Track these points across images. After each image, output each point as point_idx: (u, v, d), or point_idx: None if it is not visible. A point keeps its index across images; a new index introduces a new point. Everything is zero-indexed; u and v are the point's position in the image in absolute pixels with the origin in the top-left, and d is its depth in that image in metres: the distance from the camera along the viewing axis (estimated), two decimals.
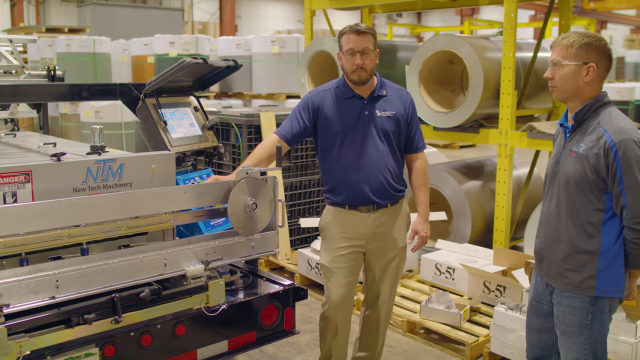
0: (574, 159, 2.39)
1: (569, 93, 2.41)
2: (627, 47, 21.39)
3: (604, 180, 2.32)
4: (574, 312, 2.43)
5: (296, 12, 28.22)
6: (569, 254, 2.42)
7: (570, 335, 2.46)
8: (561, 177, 2.44)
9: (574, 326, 2.44)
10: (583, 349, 2.44)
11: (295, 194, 5.61)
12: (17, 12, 21.03)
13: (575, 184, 2.37)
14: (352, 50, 2.99)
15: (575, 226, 2.39)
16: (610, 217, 2.35)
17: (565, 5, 5.52)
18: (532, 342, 2.72)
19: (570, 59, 2.36)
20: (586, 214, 2.37)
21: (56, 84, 4.25)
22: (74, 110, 10.23)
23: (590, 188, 2.34)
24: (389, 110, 3.09)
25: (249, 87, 10.53)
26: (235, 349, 2.80)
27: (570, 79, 2.38)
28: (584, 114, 2.41)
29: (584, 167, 2.34)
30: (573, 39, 2.36)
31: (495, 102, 4.96)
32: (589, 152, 2.33)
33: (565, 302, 2.46)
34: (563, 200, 2.43)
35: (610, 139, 2.28)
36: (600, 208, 2.35)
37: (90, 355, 2.33)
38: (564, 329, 2.48)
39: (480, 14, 27.59)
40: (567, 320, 2.46)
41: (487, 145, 11.32)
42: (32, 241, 2.25)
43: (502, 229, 4.90)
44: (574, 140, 2.43)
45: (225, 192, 2.67)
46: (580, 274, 2.39)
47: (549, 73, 2.44)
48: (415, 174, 3.21)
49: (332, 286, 3.13)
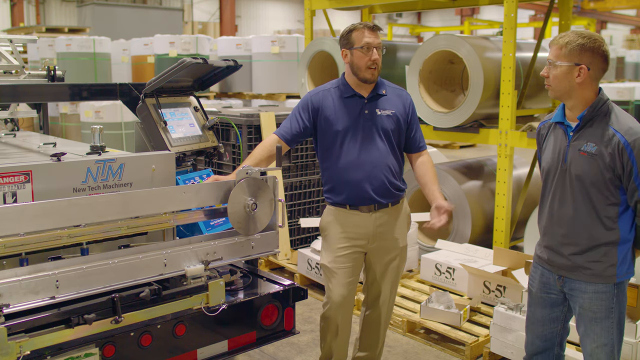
0: (586, 159, 2.47)
1: (562, 92, 2.49)
2: (627, 47, 21.38)
3: (619, 177, 2.43)
4: (601, 297, 2.52)
5: (296, 12, 28.22)
6: (590, 247, 2.51)
7: (598, 321, 2.54)
8: (572, 175, 2.51)
9: (602, 311, 2.52)
10: (610, 333, 2.54)
11: (295, 194, 5.61)
12: (17, 12, 21.03)
13: (590, 182, 2.47)
14: (369, 45, 2.97)
15: (594, 221, 2.49)
16: (624, 209, 2.48)
17: (565, 5, 5.52)
18: (536, 334, 2.76)
19: (563, 60, 2.43)
20: (603, 209, 2.48)
21: (56, 84, 4.25)
22: (74, 110, 10.22)
23: (606, 185, 2.45)
24: (388, 109, 3.08)
25: (249, 87, 10.53)
26: (235, 349, 2.80)
27: (563, 79, 2.45)
28: (590, 115, 2.47)
29: (598, 166, 2.44)
30: (568, 39, 2.42)
31: (495, 102, 4.96)
32: (603, 152, 2.42)
33: (590, 289, 2.53)
34: (579, 198, 2.51)
35: (623, 139, 2.39)
36: (616, 202, 2.47)
37: (90, 355, 2.33)
38: (591, 316, 2.55)
39: (480, 14, 27.59)
40: (594, 306, 2.53)
41: (487, 145, 11.32)
42: (32, 241, 2.25)
43: (502, 229, 4.90)
44: (581, 139, 2.49)
45: (225, 192, 2.67)
46: (602, 264, 2.50)
47: (545, 71, 2.51)
48: (423, 168, 3.15)
49: (333, 286, 3.13)
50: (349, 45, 3.02)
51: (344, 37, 3.05)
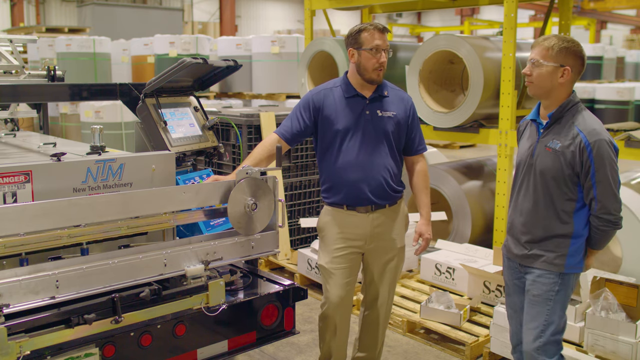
0: (550, 155, 2.63)
1: (543, 91, 2.64)
2: (627, 47, 21.36)
3: (577, 174, 2.59)
4: (543, 282, 2.68)
5: (296, 12, 28.22)
6: (545, 237, 2.67)
7: (534, 304, 2.71)
8: (537, 169, 2.67)
9: (541, 296, 2.69)
10: (543, 319, 2.69)
11: (295, 194, 5.61)
12: (17, 12, 21.02)
13: (551, 177, 2.63)
14: (378, 47, 2.96)
15: (551, 214, 2.65)
16: (581, 206, 2.64)
17: (565, 5, 5.52)
18: (518, 323, 2.88)
19: (549, 60, 2.58)
20: (561, 203, 2.64)
21: (56, 84, 4.25)
22: (74, 110, 10.22)
23: (565, 181, 2.61)
24: (390, 111, 3.08)
25: (249, 87, 10.53)
26: (235, 349, 2.80)
27: (547, 78, 2.60)
28: (559, 114, 2.63)
29: (560, 162, 2.59)
30: (554, 42, 2.58)
31: (495, 102, 4.96)
32: (566, 150, 2.58)
33: (536, 273, 2.71)
34: (540, 190, 2.67)
35: (585, 139, 2.55)
36: (573, 198, 2.63)
37: (90, 355, 2.33)
38: (531, 299, 2.73)
39: (480, 14, 27.59)
40: (535, 290, 2.71)
41: (487, 145, 11.32)
42: (32, 241, 2.25)
43: (502, 229, 4.89)
44: (549, 136, 2.65)
45: (225, 192, 2.67)
46: (553, 253, 2.66)
47: (528, 70, 2.64)
48: (416, 177, 3.21)
49: (330, 287, 3.13)
50: (357, 45, 2.99)
51: (352, 36, 3.02)
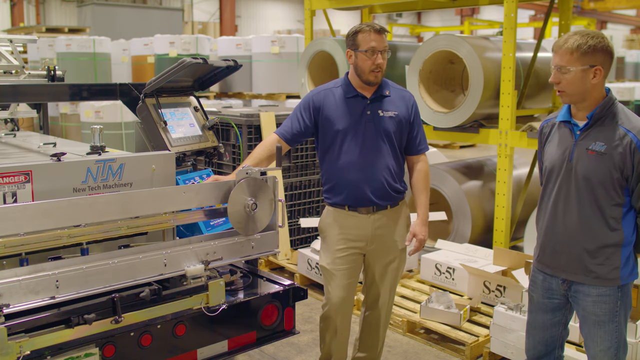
0: (594, 158, 2.43)
1: (578, 96, 2.43)
2: (627, 47, 21.37)
3: (626, 178, 2.41)
4: (605, 300, 2.49)
5: (296, 12, 28.21)
6: (594, 249, 2.48)
7: (601, 324, 2.51)
8: (579, 175, 2.47)
9: (606, 315, 2.50)
10: (614, 336, 2.51)
11: (295, 194, 5.61)
12: (17, 12, 21.02)
13: (598, 182, 2.43)
14: (373, 49, 2.93)
15: (599, 221, 2.46)
16: (627, 211, 2.46)
17: (565, 5, 5.52)
18: (537, 340, 2.74)
19: (576, 64, 2.37)
20: (609, 209, 2.45)
21: (56, 84, 4.25)
22: (74, 110, 10.22)
23: (613, 185, 2.42)
24: (391, 111, 3.06)
25: (249, 87, 10.53)
26: (235, 349, 2.80)
27: (579, 83, 2.39)
28: (601, 113, 2.44)
29: (607, 165, 2.40)
30: (577, 42, 2.36)
31: (495, 102, 4.96)
32: (613, 151, 2.39)
33: (594, 292, 2.51)
34: (586, 197, 2.47)
35: (636, 139, 2.37)
36: (620, 203, 2.44)
37: (90, 355, 2.33)
38: (595, 319, 2.52)
39: (480, 14, 27.59)
40: (597, 310, 2.51)
41: (487, 145, 11.31)
42: (32, 241, 2.25)
43: (502, 229, 4.90)
44: (589, 138, 2.45)
45: (225, 192, 2.67)
46: (605, 266, 2.47)
47: (555, 78, 2.44)
48: (416, 176, 3.18)
49: (331, 288, 3.13)
50: (354, 47, 2.98)
51: (349, 37, 3.01)
